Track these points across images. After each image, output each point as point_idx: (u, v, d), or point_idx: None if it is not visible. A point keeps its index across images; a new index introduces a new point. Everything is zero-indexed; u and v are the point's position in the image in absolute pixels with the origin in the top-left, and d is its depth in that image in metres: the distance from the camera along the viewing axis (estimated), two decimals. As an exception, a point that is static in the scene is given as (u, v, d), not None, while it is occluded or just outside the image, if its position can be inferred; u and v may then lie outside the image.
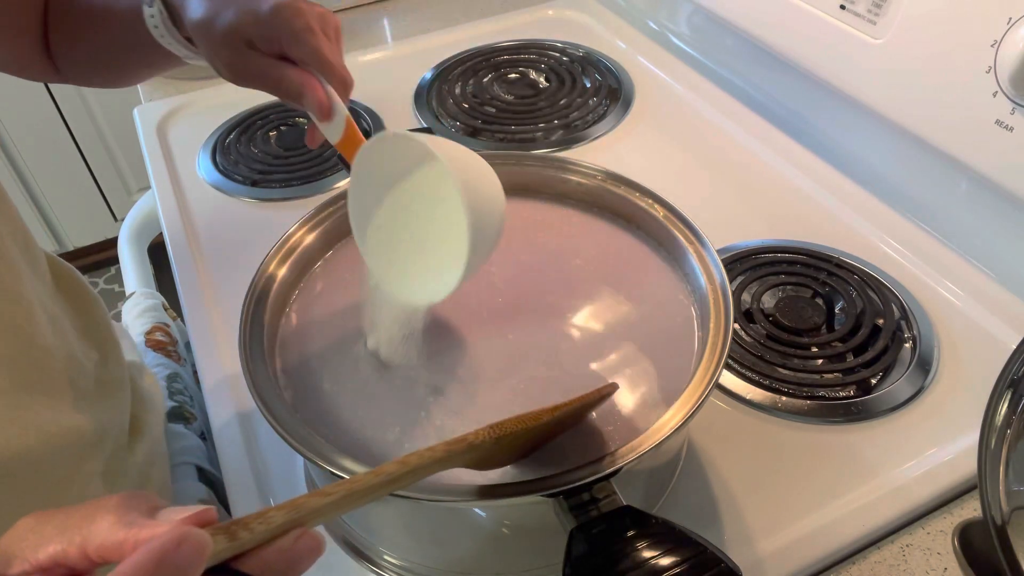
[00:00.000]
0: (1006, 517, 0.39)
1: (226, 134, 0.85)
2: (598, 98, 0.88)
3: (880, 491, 0.50)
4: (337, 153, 0.47)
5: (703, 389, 0.40)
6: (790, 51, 0.76)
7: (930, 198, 0.69)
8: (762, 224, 0.71)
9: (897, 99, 0.66)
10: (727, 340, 0.43)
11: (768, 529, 0.48)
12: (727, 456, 0.52)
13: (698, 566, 0.34)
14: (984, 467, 0.40)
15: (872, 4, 0.66)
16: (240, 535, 0.25)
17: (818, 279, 0.63)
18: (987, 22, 0.56)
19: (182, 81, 0.95)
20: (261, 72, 0.46)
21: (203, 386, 0.60)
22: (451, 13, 1.07)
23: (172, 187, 0.78)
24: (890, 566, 0.47)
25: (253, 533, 0.25)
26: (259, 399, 0.40)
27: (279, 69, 0.45)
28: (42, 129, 1.78)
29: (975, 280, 0.64)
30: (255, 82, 0.47)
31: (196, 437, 0.66)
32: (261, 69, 0.46)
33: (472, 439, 0.34)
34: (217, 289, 0.67)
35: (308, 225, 0.52)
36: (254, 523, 0.26)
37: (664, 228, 0.51)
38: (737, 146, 0.81)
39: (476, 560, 0.46)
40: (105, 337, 0.54)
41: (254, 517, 0.26)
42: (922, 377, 0.57)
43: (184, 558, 0.23)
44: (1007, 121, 0.56)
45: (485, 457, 0.36)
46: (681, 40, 0.98)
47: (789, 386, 0.56)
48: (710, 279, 0.47)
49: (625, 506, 0.37)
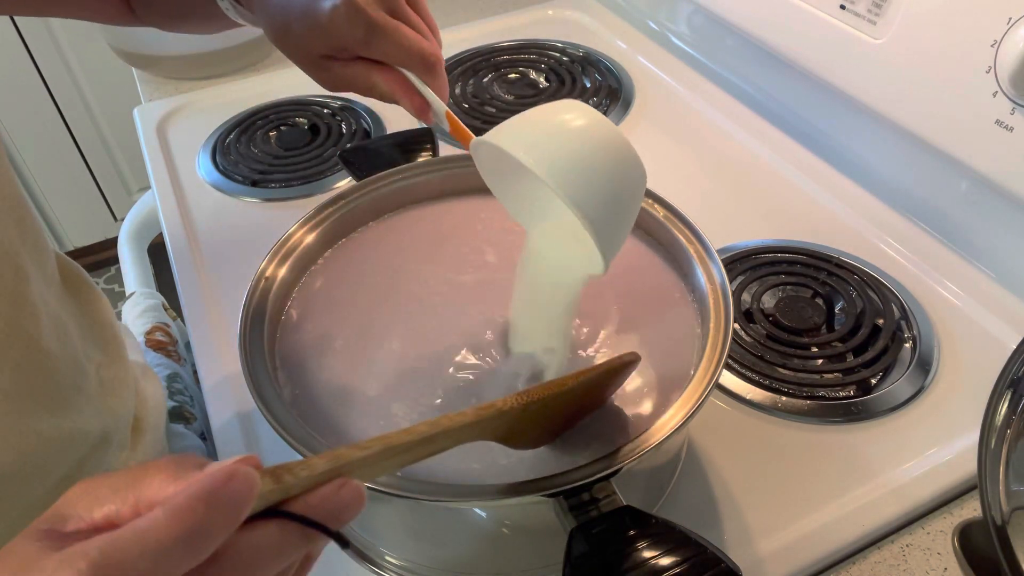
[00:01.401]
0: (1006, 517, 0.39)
1: (226, 134, 0.85)
2: (598, 98, 0.88)
3: (880, 491, 0.50)
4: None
5: (703, 389, 0.40)
6: (790, 51, 0.76)
7: (930, 198, 0.69)
8: (762, 224, 0.71)
9: (897, 99, 0.66)
10: (727, 340, 0.43)
11: (768, 529, 0.48)
12: (727, 456, 0.52)
13: (698, 566, 0.34)
14: (984, 467, 0.40)
15: (872, 4, 0.66)
16: (285, 479, 0.26)
17: (818, 279, 0.63)
18: (987, 22, 0.56)
19: (182, 81, 0.95)
20: (349, 83, 0.45)
21: (203, 386, 0.60)
22: (451, 13, 1.07)
23: (172, 187, 0.78)
24: (890, 566, 0.47)
25: (297, 478, 0.26)
26: (259, 399, 0.40)
27: (366, 77, 0.44)
28: (42, 129, 1.78)
29: (975, 280, 0.64)
30: (346, 90, 0.46)
31: (196, 437, 0.66)
32: (348, 80, 0.45)
33: (500, 405, 0.34)
34: (217, 289, 0.67)
35: (308, 225, 0.52)
36: (297, 468, 0.26)
37: (664, 228, 0.51)
38: (737, 146, 0.81)
39: (476, 560, 0.46)
40: (110, 336, 0.54)
41: (297, 463, 0.26)
42: (922, 377, 0.57)
43: (234, 492, 0.23)
44: (1007, 121, 0.56)
45: (516, 430, 0.36)
46: (681, 40, 0.98)
47: (789, 386, 0.56)
48: (710, 279, 0.47)
49: (625, 506, 0.37)
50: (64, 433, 0.44)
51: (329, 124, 0.86)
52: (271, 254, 0.50)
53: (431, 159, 0.58)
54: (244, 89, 0.92)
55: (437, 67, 0.44)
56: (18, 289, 0.41)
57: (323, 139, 0.84)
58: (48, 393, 0.44)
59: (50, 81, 1.73)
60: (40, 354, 0.43)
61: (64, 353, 0.46)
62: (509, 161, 0.37)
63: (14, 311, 0.41)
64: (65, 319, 0.47)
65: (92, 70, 1.75)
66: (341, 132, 0.85)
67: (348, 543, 0.28)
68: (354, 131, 0.85)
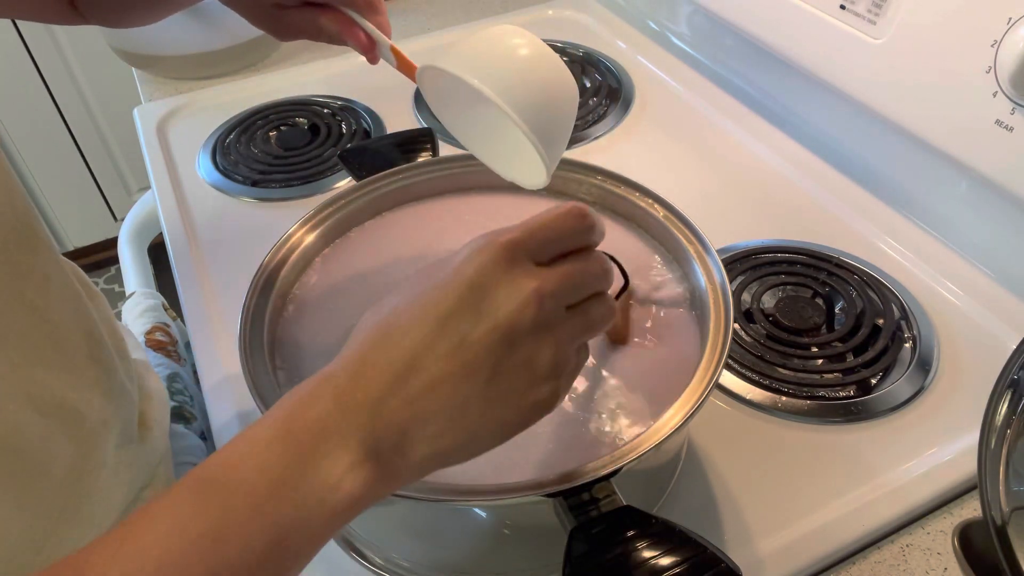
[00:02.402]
0: (1006, 517, 0.39)
1: (226, 134, 0.85)
2: (598, 98, 0.88)
3: (880, 491, 0.50)
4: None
5: (703, 389, 0.40)
6: (790, 51, 0.76)
7: (930, 198, 0.69)
8: (762, 224, 0.71)
9: (897, 99, 0.66)
10: (727, 340, 0.43)
11: (768, 529, 0.48)
12: (727, 456, 0.52)
13: (698, 566, 0.34)
14: (984, 467, 0.40)
15: (872, 4, 0.66)
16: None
17: (818, 279, 0.63)
18: (987, 22, 0.56)
19: (182, 81, 0.95)
20: (297, 28, 0.48)
21: (203, 386, 0.60)
22: (451, 13, 1.07)
23: (172, 187, 0.78)
24: (890, 566, 0.47)
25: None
26: (259, 399, 0.40)
27: (313, 21, 0.47)
28: (42, 129, 1.78)
29: (975, 280, 0.64)
30: (296, 37, 0.48)
31: (196, 437, 0.66)
32: (296, 25, 0.48)
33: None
34: (217, 289, 0.67)
35: (308, 225, 0.52)
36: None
37: (664, 228, 0.51)
38: (737, 146, 0.81)
39: (476, 560, 0.46)
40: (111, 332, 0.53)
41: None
42: (922, 377, 0.57)
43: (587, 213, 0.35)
44: (1007, 121, 0.56)
45: None
46: (681, 40, 0.98)
47: (789, 386, 0.56)
48: (710, 279, 0.47)
49: (625, 506, 0.37)
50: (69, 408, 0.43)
51: (329, 124, 0.86)
52: (271, 254, 0.50)
53: (431, 159, 0.58)
54: (244, 89, 0.93)
55: (376, 3, 0.47)
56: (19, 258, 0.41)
57: (323, 139, 0.84)
58: (62, 365, 0.43)
59: (50, 81, 1.73)
60: (48, 325, 0.42)
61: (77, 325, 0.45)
62: (455, 85, 0.41)
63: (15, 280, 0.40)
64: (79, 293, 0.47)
65: (92, 70, 1.75)
66: (341, 132, 0.85)
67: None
68: (354, 131, 0.85)
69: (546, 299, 0.32)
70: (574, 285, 0.33)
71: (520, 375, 0.32)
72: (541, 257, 0.33)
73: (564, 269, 0.33)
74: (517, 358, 0.31)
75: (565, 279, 0.33)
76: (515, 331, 0.31)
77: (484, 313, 0.31)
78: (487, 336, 0.31)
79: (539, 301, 0.32)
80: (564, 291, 0.33)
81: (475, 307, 0.31)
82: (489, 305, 0.31)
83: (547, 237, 0.33)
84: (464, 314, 0.31)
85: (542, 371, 0.32)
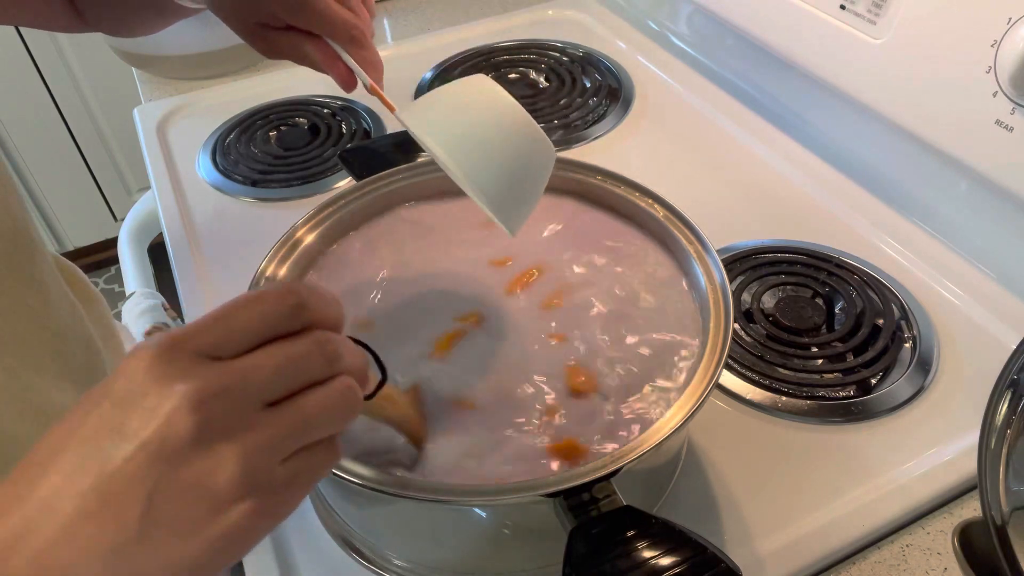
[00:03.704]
0: (1006, 517, 0.39)
1: (226, 134, 0.85)
2: (598, 98, 0.88)
3: (880, 491, 0.50)
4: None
5: (703, 389, 0.40)
6: (790, 51, 0.76)
7: (930, 198, 0.69)
8: (762, 224, 0.71)
9: (897, 99, 0.66)
10: (727, 340, 0.43)
11: (768, 529, 0.48)
12: (727, 456, 0.52)
13: (698, 566, 0.34)
14: (984, 467, 0.40)
15: (872, 4, 0.66)
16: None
17: (818, 279, 0.63)
18: (987, 22, 0.56)
19: (182, 81, 0.95)
20: (280, 50, 0.48)
21: (203, 386, 0.60)
22: (451, 13, 1.07)
23: (172, 187, 0.78)
24: (890, 566, 0.47)
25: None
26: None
27: (298, 47, 0.47)
28: (42, 129, 1.78)
29: (975, 280, 0.64)
30: (281, 57, 0.48)
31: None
32: (280, 47, 0.47)
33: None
34: (217, 289, 0.67)
35: (308, 225, 0.52)
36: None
37: (664, 228, 0.51)
38: (737, 146, 0.81)
39: (476, 560, 0.46)
40: (109, 336, 0.54)
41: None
42: (922, 377, 0.57)
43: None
44: (1007, 121, 0.56)
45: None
46: (681, 40, 0.98)
47: (789, 386, 0.56)
48: (710, 279, 0.47)
49: (625, 506, 0.37)
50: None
51: (329, 124, 0.86)
52: (271, 254, 0.50)
53: (431, 159, 0.58)
54: (244, 89, 0.93)
55: (361, 39, 0.46)
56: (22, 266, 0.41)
57: (323, 139, 0.84)
58: (59, 371, 0.43)
59: (50, 81, 1.73)
60: (46, 332, 0.42)
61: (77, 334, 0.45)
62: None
63: (18, 287, 0.41)
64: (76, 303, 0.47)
65: (92, 70, 1.75)
66: (341, 132, 0.85)
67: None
68: (354, 131, 0.85)
69: (210, 401, 0.26)
70: (266, 378, 0.27)
71: (190, 501, 0.26)
72: (222, 351, 0.27)
73: (249, 361, 0.27)
74: (182, 481, 0.26)
75: (251, 372, 0.27)
76: (169, 448, 0.25)
77: (126, 433, 0.26)
78: (131, 460, 0.25)
79: (195, 406, 0.26)
80: (249, 387, 0.27)
81: (117, 427, 0.26)
82: (133, 422, 0.26)
83: (229, 327, 0.28)
84: (103, 437, 0.26)
85: (224, 491, 0.26)
